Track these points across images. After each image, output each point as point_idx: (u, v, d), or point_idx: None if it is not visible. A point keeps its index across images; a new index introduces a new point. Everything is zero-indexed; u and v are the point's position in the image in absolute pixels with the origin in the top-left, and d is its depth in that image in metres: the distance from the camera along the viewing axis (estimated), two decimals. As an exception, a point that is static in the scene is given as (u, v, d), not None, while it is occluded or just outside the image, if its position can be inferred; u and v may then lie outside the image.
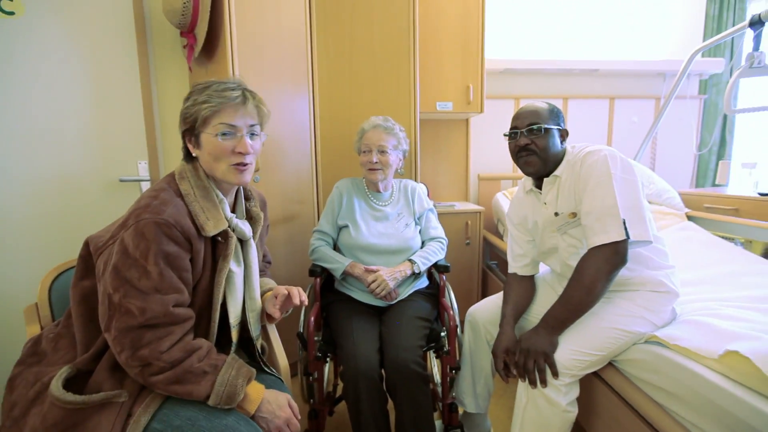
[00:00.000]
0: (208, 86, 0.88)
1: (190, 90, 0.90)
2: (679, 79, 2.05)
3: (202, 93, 0.87)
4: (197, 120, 0.87)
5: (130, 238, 0.78)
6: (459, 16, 2.18)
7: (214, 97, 0.86)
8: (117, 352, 0.77)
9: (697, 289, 1.35)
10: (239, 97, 0.88)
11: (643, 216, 1.05)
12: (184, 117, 0.89)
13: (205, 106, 0.86)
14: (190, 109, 0.87)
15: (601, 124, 2.72)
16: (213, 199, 0.90)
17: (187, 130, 0.90)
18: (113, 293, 0.77)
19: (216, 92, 0.86)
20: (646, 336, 1.07)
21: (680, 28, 2.76)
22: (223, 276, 0.91)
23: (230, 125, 0.87)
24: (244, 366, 0.87)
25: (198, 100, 0.86)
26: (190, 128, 0.89)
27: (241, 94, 0.88)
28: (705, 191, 2.27)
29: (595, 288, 1.02)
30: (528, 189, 1.30)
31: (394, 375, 1.14)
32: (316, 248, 1.48)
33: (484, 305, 1.39)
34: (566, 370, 1.03)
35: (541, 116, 1.17)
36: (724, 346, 0.87)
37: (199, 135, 0.89)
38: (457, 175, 2.59)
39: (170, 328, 0.80)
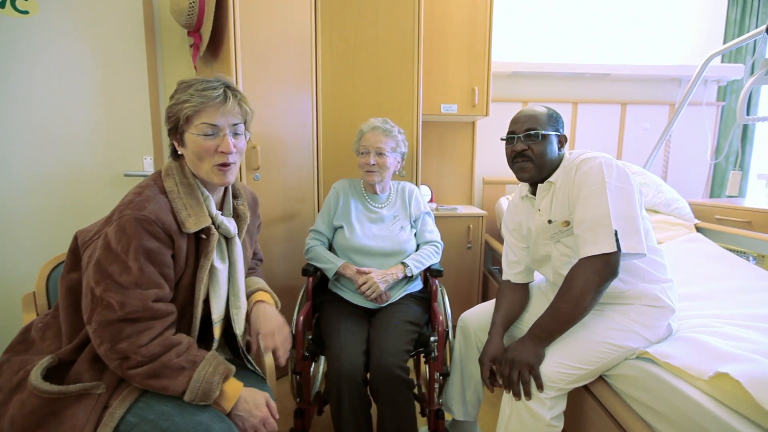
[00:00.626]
0: (190, 85, 0.87)
1: (175, 88, 0.90)
2: (692, 84, 1.98)
3: (184, 92, 0.86)
4: (180, 119, 0.87)
5: (113, 233, 0.79)
6: (466, 17, 2.16)
7: (195, 96, 0.85)
8: (97, 345, 0.79)
9: (698, 304, 1.30)
10: (220, 96, 0.87)
11: (637, 227, 1.01)
12: (168, 116, 0.89)
13: (187, 106, 0.85)
14: (173, 108, 0.87)
15: (611, 130, 2.65)
16: (197, 196, 0.91)
17: (172, 128, 0.90)
18: (95, 287, 0.78)
19: (197, 91, 0.85)
20: (638, 351, 1.04)
21: (698, 32, 2.66)
22: (204, 272, 0.91)
23: (212, 125, 0.87)
24: (222, 363, 0.87)
25: (180, 99, 0.86)
26: (173, 127, 0.89)
27: (222, 93, 0.87)
28: (717, 202, 2.19)
29: (583, 300, 1.00)
30: (523, 195, 1.28)
31: (377, 379, 1.14)
32: (310, 248, 1.49)
33: (476, 312, 1.37)
34: (552, 383, 1.01)
35: (540, 122, 1.14)
36: (715, 367, 0.83)
37: (182, 134, 0.89)
38: (461, 179, 2.56)
39: (150, 322, 0.81)
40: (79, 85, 1.62)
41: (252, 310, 1.05)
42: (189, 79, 0.90)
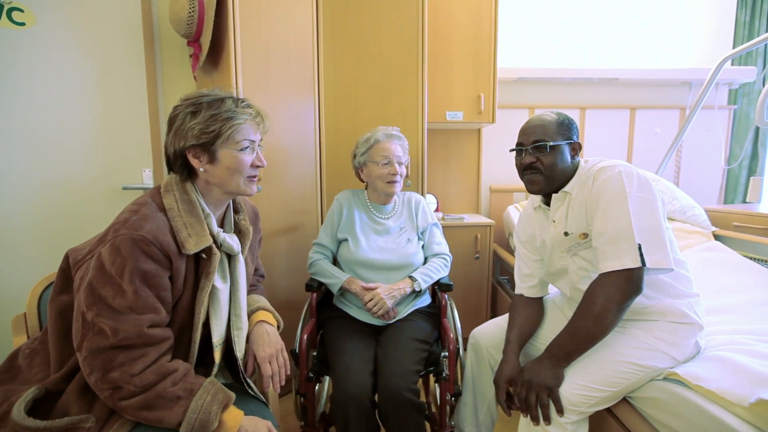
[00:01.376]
0: (222, 100, 0.87)
1: (193, 104, 0.86)
2: (706, 88, 1.92)
3: (220, 109, 0.86)
4: (220, 136, 0.85)
5: (107, 254, 0.75)
6: (471, 23, 2.12)
7: (239, 113, 0.87)
8: (87, 374, 0.74)
9: (723, 318, 1.23)
10: (256, 114, 0.91)
11: (662, 240, 0.95)
12: (202, 131, 0.84)
13: (232, 123, 0.86)
14: (209, 124, 0.84)
15: (620, 136, 2.59)
16: (198, 214, 0.87)
17: (198, 144, 0.86)
18: (87, 311, 0.74)
19: (240, 108, 0.88)
20: (665, 372, 0.97)
21: (707, 35, 2.61)
22: (205, 294, 0.87)
23: (251, 140, 0.90)
24: (221, 391, 0.82)
25: (221, 117, 0.85)
26: (204, 143, 0.85)
27: (255, 111, 0.92)
28: (734, 208, 2.12)
29: (605, 318, 0.93)
30: (536, 205, 1.22)
31: (386, 402, 1.07)
32: (314, 262, 1.43)
33: (488, 328, 1.30)
34: (572, 406, 0.94)
35: (548, 132, 1.08)
36: (756, 393, 0.77)
37: (216, 150, 0.86)
38: (468, 187, 2.51)
39: (144, 349, 0.76)
40: (77, 96, 1.59)
41: (252, 330, 1.00)
42: (207, 95, 0.88)
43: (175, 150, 0.87)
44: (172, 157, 0.89)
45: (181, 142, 0.86)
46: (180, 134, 0.86)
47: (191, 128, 0.85)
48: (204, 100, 0.86)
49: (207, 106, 0.86)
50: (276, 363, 0.96)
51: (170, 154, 0.89)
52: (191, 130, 0.85)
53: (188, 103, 0.87)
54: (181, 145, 0.86)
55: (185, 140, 0.85)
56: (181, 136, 0.86)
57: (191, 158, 0.87)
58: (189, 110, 0.86)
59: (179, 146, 0.86)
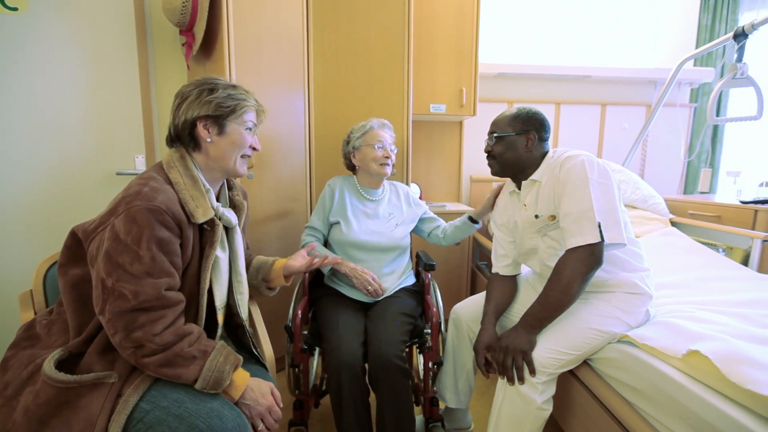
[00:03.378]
0: (235, 87, 0.99)
1: (212, 81, 0.97)
2: (667, 87, 2.09)
3: (236, 90, 0.98)
4: (234, 112, 0.96)
5: (122, 224, 0.81)
6: (453, 20, 2.22)
7: (251, 98, 1.00)
8: (111, 334, 0.80)
9: (675, 292, 1.39)
10: (259, 106, 1.04)
11: (617, 219, 1.09)
12: (219, 105, 0.94)
13: (246, 104, 0.98)
14: (226, 100, 0.95)
15: (592, 130, 2.76)
16: (200, 188, 0.94)
17: (212, 116, 0.94)
18: (106, 278, 0.80)
19: (251, 95, 1.01)
20: (619, 336, 1.12)
21: (673, 37, 2.81)
22: (210, 262, 0.94)
23: (255, 123, 1.03)
24: (232, 353, 0.91)
25: (236, 96, 0.97)
26: (218, 115, 0.95)
27: (260, 104, 1.04)
28: (690, 198, 2.32)
29: (571, 288, 1.07)
30: (511, 190, 1.34)
31: (376, 368, 1.18)
32: (306, 244, 1.52)
33: (467, 303, 1.43)
34: (543, 368, 1.07)
35: (500, 125, 1.27)
36: (687, 346, 0.91)
37: (226, 124, 0.96)
38: (449, 177, 2.63)
39: (162, 311, 0.83)
40: (69, 82, 1.61)
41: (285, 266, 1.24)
42: (223, 80, 0.99)
43: (187, 119, 0.94)
44: (181, 126, 0.95)
45: (195, 111, 0.94)
46: (195, 105, 0.94)
47: (209, 101, 0.94)
48: (220, 83, 0.97)
49: (223, 88, 0.96)
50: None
51: (179, 123, 0.96)
52: (209, 103, 0.94)
53: (203, 81, 0.97)
54: (194, 114, 0.94)
55: (200, 110, 0.94)
56: (197, 106, 0.94)
57: (200, 128, 0.95)
58: (206, 87, 0.95)
59: (192, 115, 0.94)
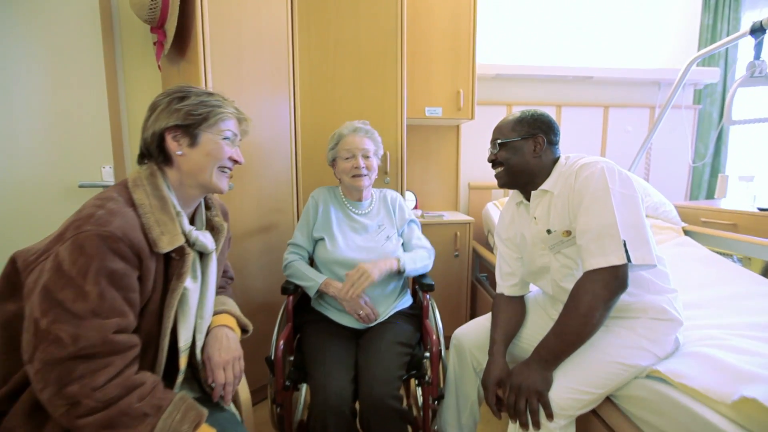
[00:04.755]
0: (210, 93, 0.88)
1: (184, 89, 0.86)
2: (676, 88, 1.98)
3: (210, 98, 0.87)
4: (207, 120, 0.85)
5: (67, 253, 0.67)
6: (449, 19, 2.09)
7: (227, 105, 0.89)
8: (39, 389, 0.65)
9: (698, 313, 1.25)
10: (240, 113, 0.93)
11: (645, 236, 0.95)
12: (188, 113, 0.83)
13: (221, 111, 0.86)
14: (198, 107, 0.84)
15: (594, 133, 2.64)
16: (170, 211, 0.81)
17: (181, 126, 0.83)
18: (41, 318, 0.65)
19: (228, 102, 0.90)
20: (647, 370, 0.97)
21: (675, 37, 2.70)
22: (176, 297, 0.81)
23: (234, 133, 0.90)
24: (193, 408, 0.76)
25: (210, 103, 0.85)
26: (188, 125, 0.83)
27: (240, 111, 0.93)
28: (702, 204, 2.20)
29: (592, 317, 0.92)
30: (518, 201, 1.20)
31: (368, 411, 1.02)
32: (289, 263, 1.36)
33: (470, 328, 1.28)
34: (562, 410, 0.92)
35: (503, 130, 1.14)
36: (738, 390, 0.77)
37: (198, 134, 0.85)
38: (446, 184, 2.49)
39: (109, 359, 0.69)
40: (26, 84, 1.45)
41: (210, 333, 0.93)
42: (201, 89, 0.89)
43: (155, 131, 0.83)
44: (150, 140, 0.84)
45: (163, 122, 0.82)
46: (164, 115, 0.82)
47: (178, 109, 0.82)
48: (193, 90, 0.86)
49: (196, 94, 0.86)
50: (231, 371, 0.90)
51: (147, 137, 0.84)
52: (177, 111, 0.82)
53: (175, 90, 0.85)
54: (162, 125, 0.82)
55: (168, 120, 0.82)
56: (165, 116, 0.82)
57: (170, 140, 0.83)
58: (177, 95, 0.84)
59: (160, 126, 0.83)
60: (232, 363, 0.90)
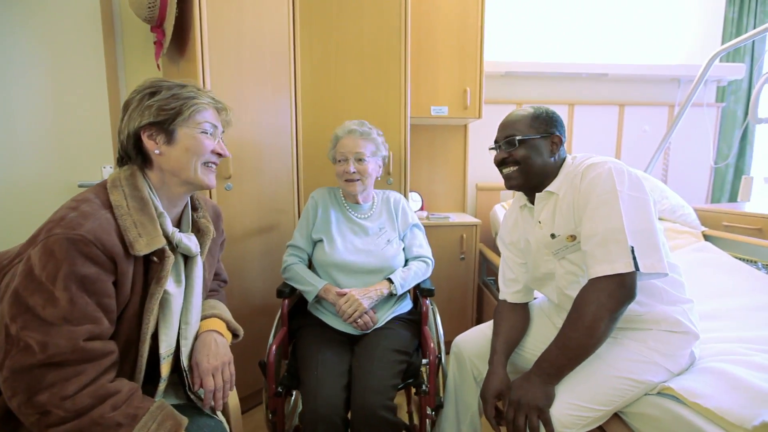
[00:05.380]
0: (183, 85, 0.84)
1: (155, 84, 0.82)
2: (696, 85, 1.87)
3: (182, 90, 0.82)
4: (181, 113, 0.81)
5: (37, 257, 0.65)
6: (456, 15, 2.03)
7: (202, 95, 0.84)
8: (8, 397, 0.64)
9: (719, 324, 1.17)
10: (217, 102, 0.89)
11: (656, 242, 0.88)
12: (160, 109, 0.79)
13: (195, 102, 0.82)
14: (170, 101, 0.80)
15: (609, 133, 2.54)
16: (150, 212, 0.78)
17: (155, 123, 0.79)
18: (10, 323, 0.64)
19: (202, 92, 0.85)
20: (659, 386, 0.90)
21: (696, 31, 2.58)
22: (155, 302, 0.78)
23: (213, 124, 0.86)
24: (171, 417, 0.73)
25: (182, 95, 0.81)
26: (162, 121, 0.80)
27: (217, 100, 0.89)
28: (724, 208, 2.08)
29: (597, 329, 0.85)
30: (522, 204, 1.14)
31: (359, 421, 0.98)
32: (288, 266, 1.33)
33: (471, 336, 1.22)
34: (564, 428, 0.86)
35: (519, 126, 1.04)
36: (760, 414, 0.70)
37: (174, 130, 0.81)
38: (453, 185, 2.43)
39: (80, 366, 0.66)
40: (27, 84, 1.46)
41: (198, 339, 0.90)
42: (171, 80, 0.84)
43: (129, 132, 0.81)
44: (125, 141, 0.82)
45: (136, 121, 0.80)
46: (136, 113, 0.79)
47: (149, 106, 0.79)
48: (164, 84, 0.82)
49: (167, 88, 0.82)
50: (220, 377, 0.87)
51: (123, 139, 0.82)
52: (149, 108, 0.79)
53: (146, 86, 0.82)
54: (136, 124, 0.80)
55: (141, 118, 0.79)
56: (137, 115, 0.79)
57: (146, 139, 0.80)
58: (147, 91, 0.81)
59: (134, 126, 0.80)
60: (221, 369, 0.87)
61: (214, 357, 0.88)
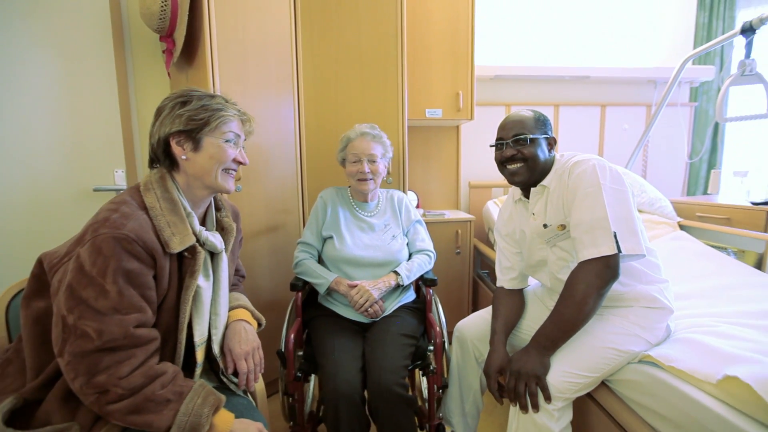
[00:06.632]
0: (212, 96, 0.90)
1: (186, 93, 0.89)
2: (670, 87, 2.03)
3: (211, 101, 0.89)
4: (208, 124, 0.87)
5: (87, 255, 0.73)
6: (448, 21, 2.15)
7: (228, 108, 0.91)
8: (70, 379, 0.71)
9: (691, 303, 1.31)
10: (243, 114, 0.95)
11: (635, 228, 1.00)
12: (189, 119, 0.86)
13: (222, 114, 0.88)
14: (199, 112, 0.87)
15: (592, 132, 2.69)
16: (180, 212, 0.86)
17: (184, 131, 0.86)
18: (67, 314, 0.71)
19: (230, 104, 0.92)
20: (640, 355, 1.03)
21: (671, 36, 2.75)
22: (190, 293, 0.86)
23: (236, 134, 0.92)
24: (212, 393, 0.81)
25: (211, 107, 0.88)
26: (190, 130, 0.87)
27: (243, 112, 0.96)
28: (697, 200, 2.25)
29: (586, 304, 0.97)
30: (517, 198, 1.26)
31: (376, 398, 1.08)
32: (300, 261, 1.42)
33: (472, 321, 1.33)
34: (559, 393, 0.97)
35: (527, 126, 1.14)
36: (722, 370, 0.82)
37: (201, 138, 0.88)
38: (447, 183, 2.55)
39: (131, 351, 0.74)
40: (41, 92, 1.51)
41: (229, 327, 0.99)
42: (202, 90, 0.91)
43: (160, 137, 0.88)
44: (156, 145, 0.89)
45: (167, 127, 0.87)
46: (167, 120, 0.87)
47: (179, 115, 0.86)
48: (195, 94, 0.89)
49: (198, 98, 0.88)
50: (252, 360, 0.96)
51: (154, 142, 0.89)
52: (179, 117, 0.86)
53: (178, 95, 0.89)
54: (166, 131, 0.87)
55: (171, 126, 0.86)
56: (169, 122, 0.86)
57: (174, 145, 0.88)
58: (179, 100, 0.88)
59: (165, 132, 0.87)
60: (252, 353, 0.96)
61: (245, 343, 0.97)
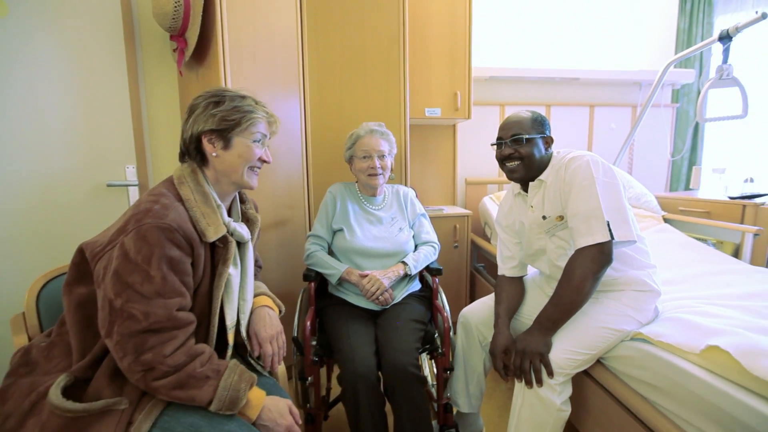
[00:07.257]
0: (243, 97, 0.95)
1: (218, 93, 0.93)
2: (654, 89, 2.15)
3: (242, 102, 0.93)
4: (239, 125, 0.92)
5: (132, 243, 0.78)
6: (446, 25, 2.23)
7: (258, 110, 0.96)
8: (119, 358, 0.76)
9: (677, 287, 1.42)
10: (270, 116, 1.01)
11: (626, 217, 1.10)
12: (222, 119, 0.91)
13: (253, 116, 0.94)
14: (231, 113, 0.91)
15: (582, 131, 2.82)
16: (212, 204, 0.91)
17: (216, 130, 0.91)
18: (114, 298, 0.76)
19: (260, 106, 0.97)
20: (632, 333, 1.13)
21: (654, 41, 2.90)
22: (223, 280, 0.92)
23: (263, 134, 0.98)
24: (246, 371, 0.87)
25: (242, 108, 0.93)
26: (222, 129, 0.91)
27: (270, 113, 1.01)
28: (679, 195, 2.39)
29: (584, 287, 1.07)
30: (516, 192, 1.35)
31: (391, 378, 1.15)
32: (311, 253, 1.48)
33: (476, 307, 1.42)
34: (560, 369, 1.07)
35: (524, 127, 1.23)
36: (705, 341, 0.92)
37: (231, 138, 0.93)
38: (444, 180, 2.64)
39: (174, 332, 0.80)
40: (54, 91, 1.54)
41: (254, 313, 1.05)
42: (234, 90, 0.96)
43: (192, 134, 0.92)
44: (188, 141, 0.94)
45: (200, 126, 0.92)
46: (201, 119, 0.91)
47: (213, 114, 0.91)
48: (228, 94, 0.94)
49: (230, 99, 0.93)
50: (276, 343, 1.03)
51: (186, 138, 0.94)
52: (213, 116, 0.91)
53: (211, 94, 0.93)
54: (199, 129, 0.92)
55: (204, 124, 0.91)
56: (202, 120, 0.91)
57: (206, 143, 0.93)
58: (212, 100, 0.92)
59: (197, 130, 0.92)
60: (276, 336, 1.03)
61: (270, 327, 1.03)
